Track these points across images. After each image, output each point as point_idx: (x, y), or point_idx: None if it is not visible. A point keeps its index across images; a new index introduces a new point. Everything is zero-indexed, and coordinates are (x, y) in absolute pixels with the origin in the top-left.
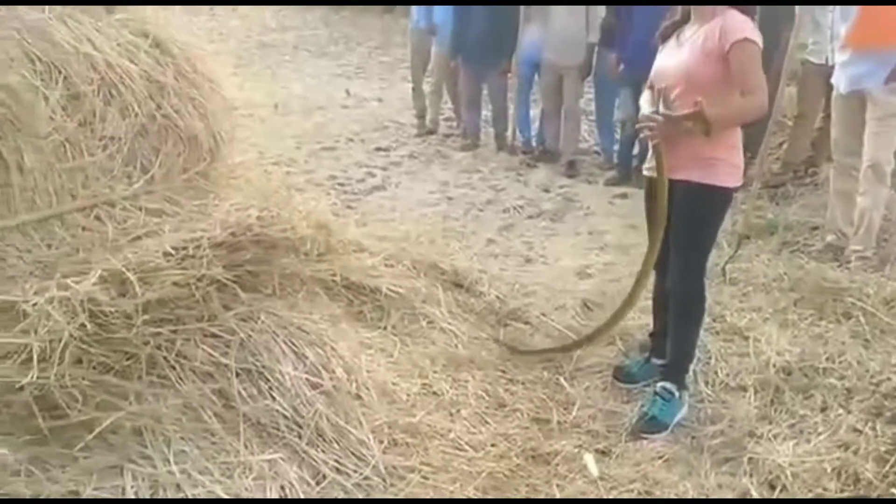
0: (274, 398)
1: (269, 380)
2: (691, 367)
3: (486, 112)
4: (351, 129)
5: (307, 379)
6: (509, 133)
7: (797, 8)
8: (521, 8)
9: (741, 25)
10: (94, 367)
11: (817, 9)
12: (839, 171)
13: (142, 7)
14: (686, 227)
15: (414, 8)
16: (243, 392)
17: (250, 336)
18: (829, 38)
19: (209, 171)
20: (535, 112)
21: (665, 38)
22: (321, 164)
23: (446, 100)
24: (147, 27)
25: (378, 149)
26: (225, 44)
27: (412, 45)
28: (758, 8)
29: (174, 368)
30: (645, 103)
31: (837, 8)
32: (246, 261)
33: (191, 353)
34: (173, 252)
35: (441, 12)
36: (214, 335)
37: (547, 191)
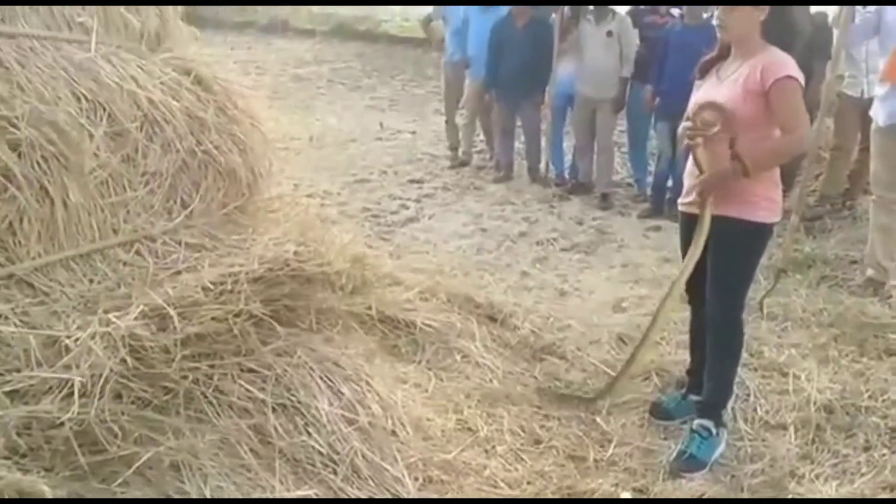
0: (310, 434)
1: (305, 415)
2: (729, 404)
3: (520, 144)
4: (384, 162)
5: (343, 415)
6: (542, 165)
7: (833, 40)
8: (556, 40)
9: (783, 63)
10: (133, 402)
11: (851, 42)
12: (879, 205)
13: (185, 45)
14: (725, 262)
15: (448, 41)
16: (279, 428)
17: (286, 371)
18: (865, 71)
19: (248, 205)
20: (567, 144)
21: (704, 72)
22: (355, 196)
23: (479, 132)
24: (189, 65)
25: (411, 181)
26: (261, 77)
27: (445, 77)
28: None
29: (212, 404)
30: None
31: (872, 41)
32: (283, 295)
33: (228, 388)
34: (212, 287)
35: (475, 45)
36: (251, 370)
37: (580, 223)
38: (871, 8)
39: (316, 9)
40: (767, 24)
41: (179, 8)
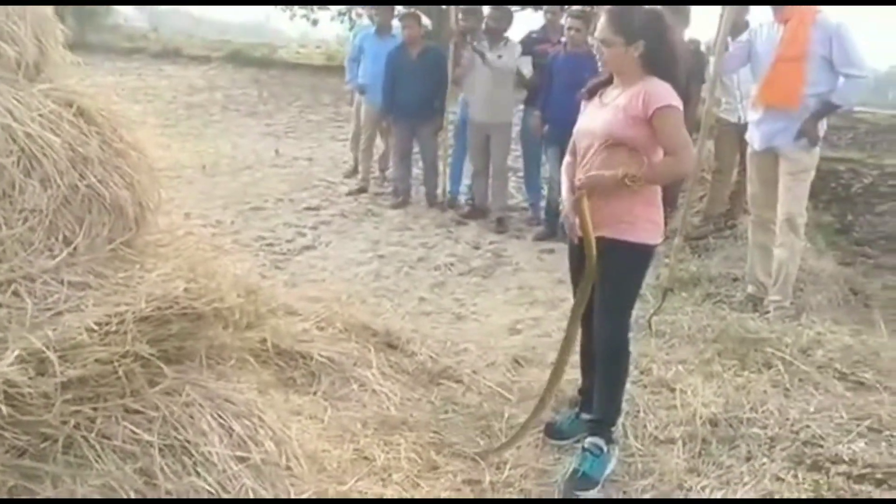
0: (199, 474)
1: (193, 455)
2: (619, 420)
3: (417, 170)
4: (280, 189)
5: (233, 452)
6: (440, 190)
7: (709, 66)
8: (449, 66)
9: (664, 93)
10: (7, 452)
11: (725, 69)
12: (757, 225)
13: (67, 74)
14: (608, 283)
15: (346, 66)
16: (167, 469)
17: (174, 411)
18: (739, 97)
19: (136, 240)
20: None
21: (591, 94)
22: (249, 224)
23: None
24: (71, 96)
25: (308, 208)
26: (152, 104)
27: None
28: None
29: (94, 448)
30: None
31: (745, 69)
32: (172, 335)
33: (112, 431)
34: (96, 328)
35: (370, 72)
36: (137, 411)
37: (477, 247)
38: (743, 37)
39: (210, 35)
40: (650, 55)
41: (61, 36)
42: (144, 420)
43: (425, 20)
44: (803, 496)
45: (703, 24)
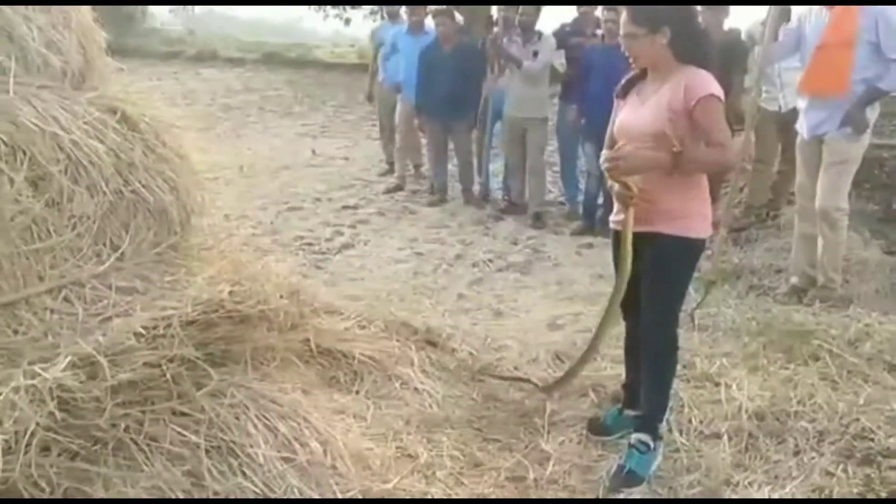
0: (245, 475)
1: (239, 456)
2: (665, 416)
3: (453, 167)
4: (317, 189)
5: (279, 452)
6: (476, 187)
7: (748, 56)
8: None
9: (704, 81)
10: (60, 455)
11: (775, 58)
12: (802, 215)
13: (109, 81)
14: (660, 279)
15: (379, 65)
16: (213, 470)
17: (220, 413)
18: (780, 86)
19: (180, 244)
20: (498, 165)
21: (625, 92)
22: (288, 224)
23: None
24: (115, 103)
25: (345, 207)
26: (190, 107)
27: (380, 101)
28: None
29: (143, 451)
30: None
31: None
32: (218, 338)
33: (160, 433)
34: (144, 332)
35: (405, 69)
36: (184, 414)
37: (515, 243)
38: (792, 24)
39: (245, 37)
40: (678, 41)
41: (103, 43)
42: (191, 422)
43: (458, 16)
44: (854, 491)
45: (742, 12)
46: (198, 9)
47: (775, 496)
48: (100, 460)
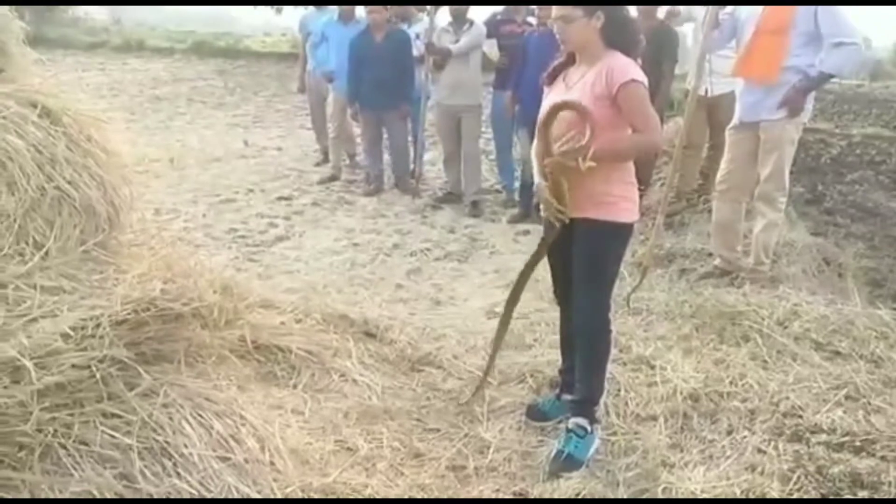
0: (179, 475)
1: (173, 456)
2: (602, 400)
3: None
4: (250, 180)
5: (214, 451)
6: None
7: (683, 45)
8: (415, 52)
9: (627, 67)
10: None
11: (715, 46)
12: (723, 201)
13: (29, 74)
14: (589, 264)
15: (308, 55)
16: (147, 471)
17: (152, 413)
18: (708, 70)
19: (109, 241)
20: (434, 154)
21: (552, 79)
22: (221, 217)
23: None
24: (35, 96)
25: (280, 198)
26: (117, 98)
27: (309, 89)
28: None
29: (72, 455)
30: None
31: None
32: (149, 337)
33: (90, 437)
34: (72, 333)
35: (337, 59)
36: (115, 415)
37: (452, 232)
38: (728, 9)
39: (173, 26)
40: (609, 26)
41: (21, 33)
42: (123, 424)
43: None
44: (784, 467)
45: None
46: None
47: (710, 475)
48: (25, 467)
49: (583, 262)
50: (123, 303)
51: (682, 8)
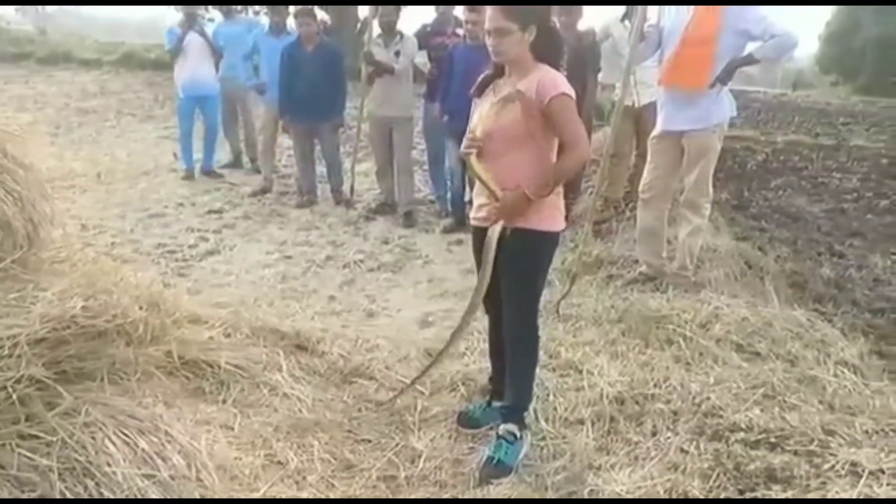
0: (103, 494)
1: (96, 476)
2: (531, 405)
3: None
4: (180, 194)
5: (139, 469)
6: (345, 187)
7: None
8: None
9: (556, 80)
10: None
11: (642, 57)
12: (647, 209)
13: None
14: (516, 272)
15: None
16: (68, 493)
17: (72, 433)
18: (633, 81)
19: (28, 257)
20: (368, 165)
21: (481, 90)
22: (149, 232)
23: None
24: None
25: (210, 212)
26: (42, 111)
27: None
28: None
29: None
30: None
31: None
32: (71, 355)
33: (5, 460)
34: None
35: (268, 71)
36: (33, 436)
37: (386, 243)
38: (653, 20)
39: (103, 38)
40: (540, 40)
41: None
42: (42, 445)
43: (323, 16)
44: (704, 466)
45: (594, 13)
46: (49, 7)
47: (634, 477)
48: None
49: (511, 271)
50: (42, 321)
51: (597, 27)
